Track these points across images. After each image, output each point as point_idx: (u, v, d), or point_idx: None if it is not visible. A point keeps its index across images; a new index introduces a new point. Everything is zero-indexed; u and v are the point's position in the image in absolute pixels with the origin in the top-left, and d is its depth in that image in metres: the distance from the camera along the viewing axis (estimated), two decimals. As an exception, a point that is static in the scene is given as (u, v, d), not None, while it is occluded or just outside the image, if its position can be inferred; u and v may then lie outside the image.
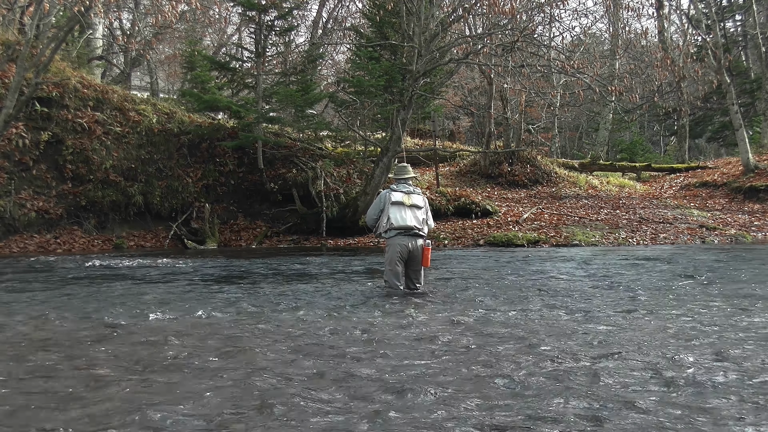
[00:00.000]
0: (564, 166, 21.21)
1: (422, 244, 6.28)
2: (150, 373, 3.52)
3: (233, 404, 2.97)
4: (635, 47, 17.26)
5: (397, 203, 6.27)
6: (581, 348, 3.96)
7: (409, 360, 3.74)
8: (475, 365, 3.59)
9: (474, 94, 25.31)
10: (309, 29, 25.06)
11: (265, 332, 4.58)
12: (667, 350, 3.85)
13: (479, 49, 13.22)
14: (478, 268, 8.70)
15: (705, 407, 2.85)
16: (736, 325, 4.61)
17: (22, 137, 12.09)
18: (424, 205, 6.44)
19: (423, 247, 6.28)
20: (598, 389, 3.13)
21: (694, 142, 31.91)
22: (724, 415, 2.75)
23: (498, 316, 5.10)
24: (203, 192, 14.04)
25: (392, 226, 6.22)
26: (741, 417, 2.73)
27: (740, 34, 28.12)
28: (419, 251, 6.26)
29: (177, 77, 23.15)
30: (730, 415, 2.75)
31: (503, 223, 14.19)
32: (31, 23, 11.46)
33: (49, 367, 3.68)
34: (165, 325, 4.88)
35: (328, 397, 3.06)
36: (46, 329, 4.76)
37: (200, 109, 14.94)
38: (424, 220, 6.37)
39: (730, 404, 2.89)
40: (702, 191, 18.46)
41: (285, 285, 7.06)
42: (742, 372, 3.37)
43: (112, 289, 6.74)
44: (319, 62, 20.50)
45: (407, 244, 6.21)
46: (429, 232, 6.54)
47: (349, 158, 15.64)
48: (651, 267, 8.51)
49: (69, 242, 12.27)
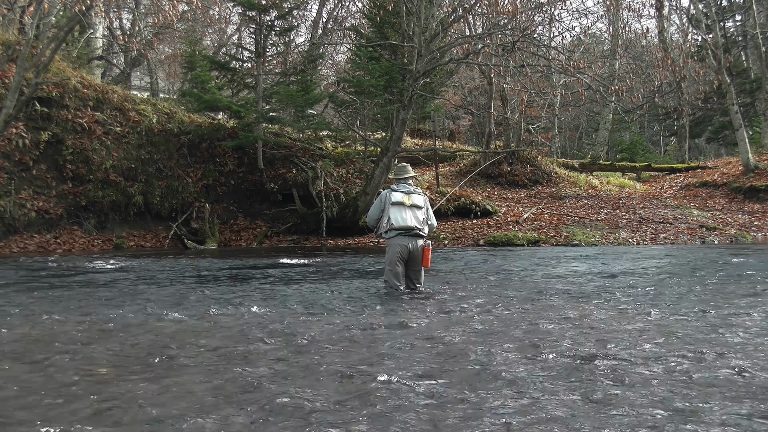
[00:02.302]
0: (564, 166, 21.22)
1: (422, 245, 6.28)
2: (150, 373, 3.52)
3: (233, 404, 2.97)
4: (635, 47, 17.26)
5: (397, 203, 6.27)
6: (580, 347, 3.96)
7: (408, 360, 3.74)
8: (473, 365, 3.59)
9: (474, 94, 25.30)
10: (309, 29, 25.07)
11: (265, 332, 4.58)
12: (665, 348, 3.85)
13: (479, 49, 13.22)
14: (478, 268, 8.70)
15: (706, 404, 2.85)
16: (734, 324, 4.61)
17: (22, 137, 12.09)
18: (425, 204, 6.42)
19: (423, 247, 6.28)
20: (594, 389, 3.13)
21: (694, 142, 31.91)
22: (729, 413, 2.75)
23: (497, 316, 5.10)
24: (203, 192, 14.04)
25: (392, 226, 6.22)
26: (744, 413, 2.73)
27: (740, 34, 28.11)
28: (419, 251, 6.26)
29: (177, 77, 23.15)
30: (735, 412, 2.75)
31: (503, 223, 14.19)
32: (31, 23, 11.46)
33: (48, 366, 3.68)
34: (165, 324, 4.88)
35: (328, 396, 3.06)
36: (45, 329, 4.76)
37: (200, 109, 14.94)
38: (425, 219, 6.36)
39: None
40: (702, 191, 18.47)
41: (285, 285, 7.05)
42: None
43: (112, 289, 6.74)
44: (319, 62, 20.50)
45: (407, 245, 6.21)
46: (431, 230, 6.54)
47: (349, 158, 15.64)
48: (651, 267, 8.51)
49: (69, 242, 12.26)
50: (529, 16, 14.15)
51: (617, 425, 2.65)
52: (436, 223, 6.69)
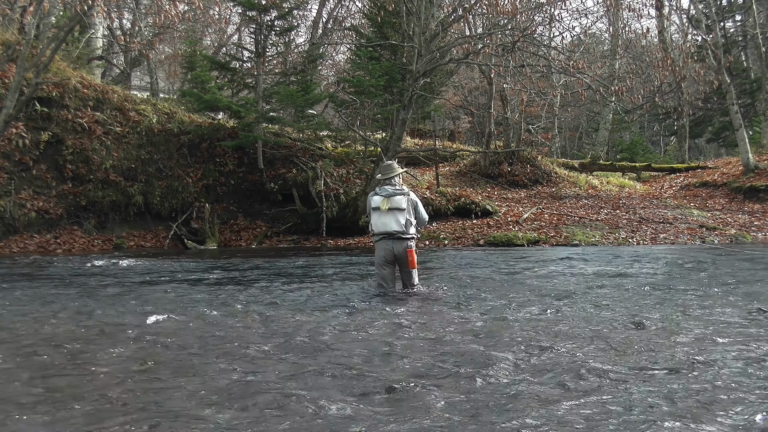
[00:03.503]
0: (564, 166, 21.22)
1: (405, 247, 6.20)
2: (150, 372, 3.52)
3: (234, 404, 2.97)
4: (635, 47, 17.27)
5: (375, 209, 6.24)
6: (578, 346, 3.96)
7: (408, 360, 3.74)
8: (471, 365, 3.59)
9: (474, 94, 25.31)
10: (309, 29, 25.07)
11: (264, 332, 4.58)
12: (674, 350, 3.85)
13: (479, 49, 13.23)
14: (477, 268, 8.70)
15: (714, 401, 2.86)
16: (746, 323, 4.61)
17: (22, 137, 12.09)
18: (407, 205, 6.24)
19: (406, 249, 6.20)
20: (595, 389, 3.13)
21: (694, 142, 31.91)
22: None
23: (497, 315, 5.10)
24: (203, 192, 14.04)
25: (373, 231, 6.29)
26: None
27: (740, 34, 28.11)
28: (404, 254, 6.21)
29: (177, 77, 23.14)
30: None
31: (503, 223, 14.19)
32: (31, 23, 11.46)
33: (48, 366, 3.68)
34: (165, 324, 4.88)
35: (327, 396, 3.06)
36: (45, 329, 4.75)
37: (200, 109, 14.94)
38: (408, 221, 6.21)
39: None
40: (702, 191, 18.46)
41: (284, 285, 7.05)
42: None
43: (112, 289, 6.74)
44: (319, 62, 20.52)
45: (391, 248, 6.19)
46: (422, 226, 6.47)
47: (349, 158, 15.63)
48: (652, 267, 8.50)
49: (69, 242, 12.26)
50: (529, 16, 14.16)
51: (618, 425, 2.66)
52: (427, 218, 6.50)
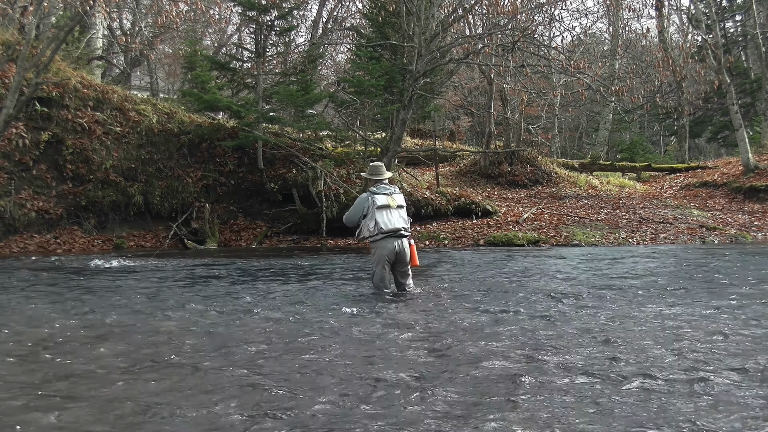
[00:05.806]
0: (564, 166, 21.21)
1: (408, 243, 6.27)
2: (150, 372, 3.52)
3: (233, 404, 2.97)
4: (635, 47, 17.27)
5: (383, 207, 6.23)
6: (579, 347, 3.97)
7: (407, 361, 3.74)
8: (471, 365, 3.59)
9: (474, 94, 25.28)
10: (309, 29, 25.10)
11: (264, 332, 4.58)
12: (665, 349, 3.85)
13: (479, 49, 13.23)
14: (477, 268, 8.70)
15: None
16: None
17: (22, 137, 12.08)
18: (405, 202, 6.50)
19: (410, 244, 6.28)
20: (594, 389, 3.13)
21: (694, 142, 31.90)
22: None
23: (497, 316, 5.10)
24: (203, 192, 14.03)
25: (381, 230, 6.15)
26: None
27: (740, 34, 28.11)
28: (405, 251, 6.23)
29: (177, 77, 23.15)
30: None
31: (503, 223, 14.18)
32: (31, 23, 11.45)
33: (48, 366, 3.69)
34: (165, 324, 4.88)
35: (326, 396, 3.06)
36: (45, 329, 4.75)
37: (200, 109, 14.94)
38: (408, 218, 6.38)
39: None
40: (702, 191, 18.46)
41: (284, 285, 7.06)
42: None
43: (112, 289, 6.74)
44: (319, 62, 20.52)
45: (395, 246, 6.18)
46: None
47: (349, 158, 15.62)
48: (652, 267, 8.50)
49: (69, 242, 12.26)
50: (529, 16, 14.16)
51: (617, 425, 2.66)
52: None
